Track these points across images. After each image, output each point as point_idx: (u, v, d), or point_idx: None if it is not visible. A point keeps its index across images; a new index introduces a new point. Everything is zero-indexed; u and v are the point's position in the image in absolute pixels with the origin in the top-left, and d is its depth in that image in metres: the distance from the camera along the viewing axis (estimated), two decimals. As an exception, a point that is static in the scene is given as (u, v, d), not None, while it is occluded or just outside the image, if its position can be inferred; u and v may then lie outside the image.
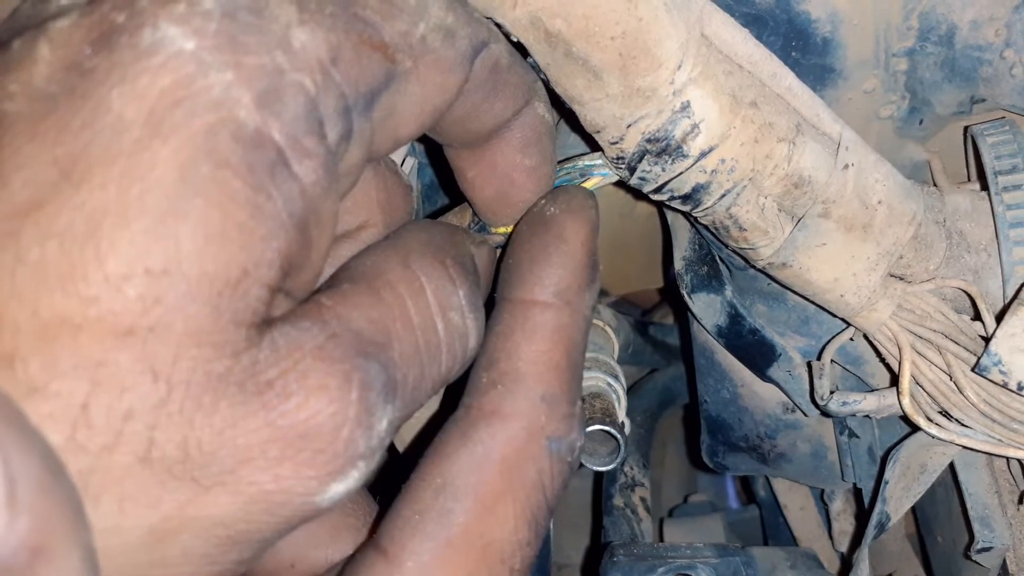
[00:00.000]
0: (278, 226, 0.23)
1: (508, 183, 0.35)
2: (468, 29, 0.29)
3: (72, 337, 0.21)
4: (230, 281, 0.22)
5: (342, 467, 0.24)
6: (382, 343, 0.26)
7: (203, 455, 0.22)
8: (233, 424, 0.22)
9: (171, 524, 0.22)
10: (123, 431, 0.21)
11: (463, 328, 0.29)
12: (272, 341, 0.23)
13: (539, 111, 0.34)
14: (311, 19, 0.24)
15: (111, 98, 0.21)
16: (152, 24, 0.22)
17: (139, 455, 0.21)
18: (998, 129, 0.46)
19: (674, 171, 0.37)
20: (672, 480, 0.95)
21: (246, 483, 0.23)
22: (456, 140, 0.33)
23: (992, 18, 0.44)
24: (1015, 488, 0.49)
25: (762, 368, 0.54)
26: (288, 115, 0.23)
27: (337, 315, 0.25)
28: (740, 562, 0.52)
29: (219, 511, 0.23)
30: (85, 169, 0.21)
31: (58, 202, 0.21)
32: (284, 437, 0.23)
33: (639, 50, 0.34)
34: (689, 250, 0.56)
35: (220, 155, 0.21)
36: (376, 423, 0.25)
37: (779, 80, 0.38)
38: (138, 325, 0.21)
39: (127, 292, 0.21)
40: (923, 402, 0.45)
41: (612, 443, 0.46)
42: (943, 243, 0.44)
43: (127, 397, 0.21)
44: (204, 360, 0.22)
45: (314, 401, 0.23)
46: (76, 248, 0.20)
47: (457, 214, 0.42)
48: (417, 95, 0.27)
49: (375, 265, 0.28)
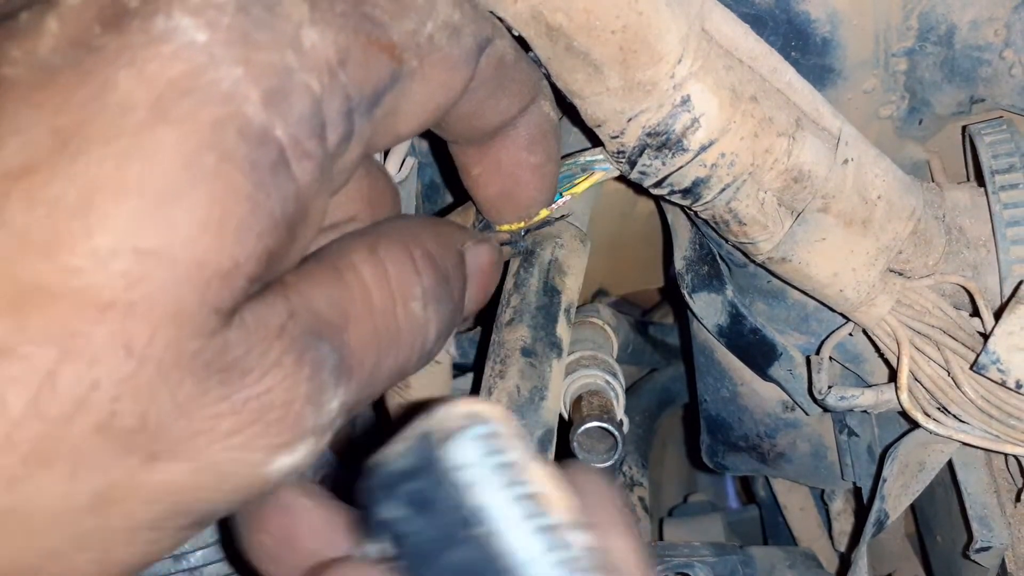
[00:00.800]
0: (272, 225, 0.23)
1: (513, 181, 0.35)
2: (474, 26, 0.29)
3: (48, 305, 0.21)
4: (220, 272, 0.22)
5: (290, 441, 0.24)
6: (338, 324, 0.26)
7: (160, 427, 0.22)
8: (193, 398, 0.23)
9: (119, 491, 0.23)
10: (86, 400, 0.21)
11: (423, 320, 0.29)
12: (241, 319, 0.23)
13: (545, 109, 0.34)
14: (322, 18, 0.24)
15: (118, 78, 0.21)
16: (166, 12, 0.22)
17: (97, 424, 0.22)
18: (995, 128, 0.47)
19: (674, 165, 0.37)
20: (672, 480, 0.94)
21: (196, 452, 0.23)
22: (461, 137, 0.33)
23: (991, 18, 0.44)
24: (1013, 487, 0.49)
25: (763, 367, 0.55)
26: (293, 116, 0.23)
27: (299, 292, 0.25)
28: (738, 561, 0.52)
29: (168, 478, 0.23)
30: (84, 142, 0.21)
31: (52, 170, 0.21)
32: (239, 410, 0.23)
33: (640, 44, 0.34)
34: (689, 249, 0.56)
35: (225, 149, 0.22)
36: (326, 402, 0.25)
37: (779, 75, 0.38)
38: (119, 300, 0.21)
39: (112, 267, 0.21)
40: (921, 398, 0.45)
41: (610, 440, 0.46)
42: (942, 239, 0.44)
43: (96, 369, 0.21)
44: (179, 340, 0.22)
45: (269, 378, 0.24)
46: (64, 218, 0.21)
47: (460, 214, 0.43)
48: (421, 94, 0.28)
49: (342, 247, 0.28)
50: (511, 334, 0.44)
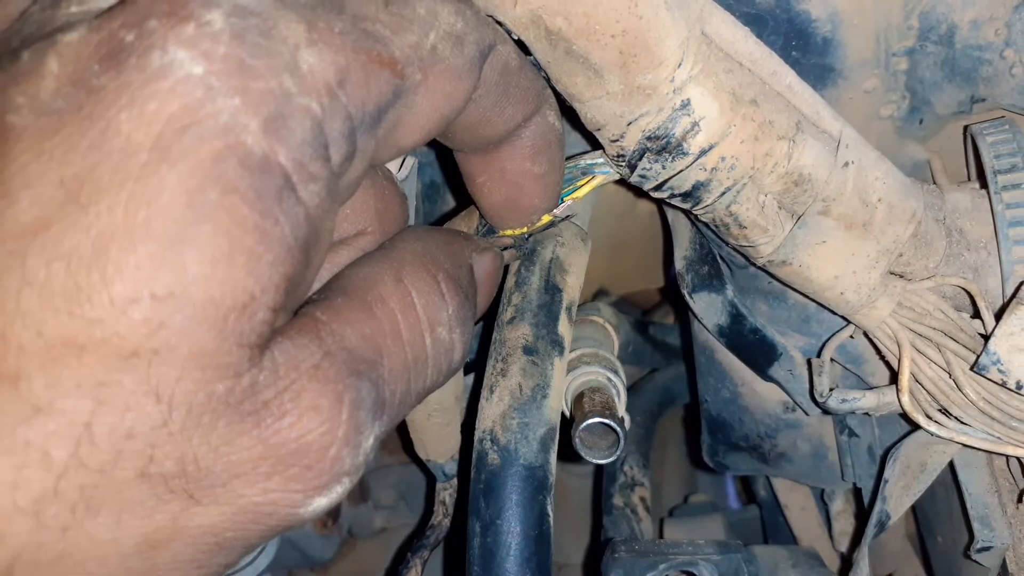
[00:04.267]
0: (285, 251, 0.23)
1: (517, 190, 0.35)
2: (476, 33, 0.29)
3: (76, 358, 0.21)
4: (236, 306, 0.22)
5: (328, 483, 0.25)
6: (373, 360, 0.26)
7: (199, 470, 0.23)
8: (229, 441, 0.23)
9: (163, 534, 0.23)
10: (124, 449, 0.22)
11: (449, 343, 0.30)
12: (272, 360, 0.24)
13: (550, 119, 0.34)
14: (320, 39, 0.24)
15: (119, 120, 0.21)
16: (161, 47, 0.22)
17: (138, 470, 0.22)
18: (997, 128, 0.46)
19: (674, 169, 0.37)
20: (672, 480, 0.95)
21: (236, 496, 0.24)
22: (466, 146, 0.33)
23: (992, 18, 0.44)
24: (1015, 487, 0.49)
25: (763, 367, 0.55)
26: (295, 140, 0.23)
27: (332, 332, 0.26)
28: (742, 559, 0.52)
29: (209, 521, 0.24)
30: (92, 191, 0.21)
31: (65, 224, 0.21)
32: (275, 454, 0.24)
33: (639, 48, 0.34)
34: (690, 250, 0.56)
35: (228, 181, 0.22)
36: (364, 441, 0.26)
37: (779, 78, 0.38)
38: (142, 348, 0.21)
39: (132, 315, 0.21)
40: (922, 400, 0.45)
41: (612, 437, 0.46)
42: (943, 241, 0.44)
43: (129, 417, 0.22)
44: (206, 382, 0.22)
45: (306, 420, 0.24)
46: (82, 270, 0.21)
47: (464, 218, 0.43)
48: (425, 105, 0.28)
49: (368, 278, 0.28)
50: (513, 332, 0.44)
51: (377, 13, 0.26)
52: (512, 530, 0.40)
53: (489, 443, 0.42)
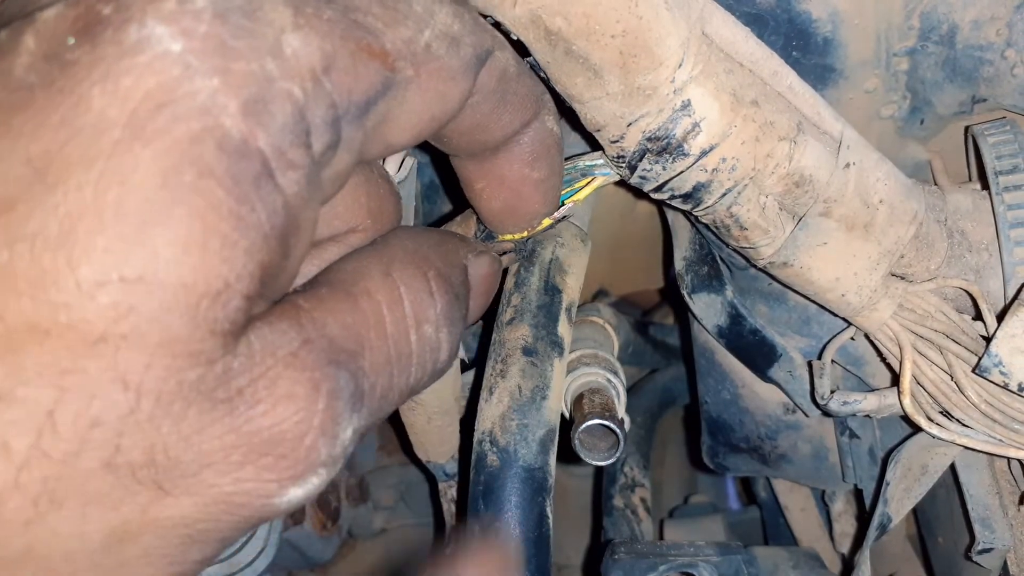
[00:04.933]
0: (260, 238, 0.22)
1: (516, 196, 0.35)
2: (474, 37, 0.28)
3: (39, 344, 0.20)
4: (209, 293, 0.21)
5: (303, 473, 0.24)
6: (354, 351, 0.26)
7: (168, 460, 0.22)
8: (200, 430, 0.22)
9: (132, 527, 0.22)
10: (89, 438, 0.21)
11: (435, 342, 0.29)
12: (248, 345, 0.23)
13: (548, 124, 0.34)
14: (306, 24, 0.23)
15: (92, 95, 0.20)
16: (139, 20, 0.21)
17: (104, 461, 0.21)
18: (999, 129, 0.46)
19: (675, 170, 0.37)
20: (672, 481, 0.94)
21: (207, 486, 0.23)
22: (464, 151, 0.33)
23: (993, 18, 0.44)
24: (1016, 489, 0.49)
25: (763, 369, 0.54)
26: (275, 125, 0.22)
27: (313, 319, 0.25)
28: (742, 560, 0.52)
29: (180, 513, 0.23)
30: (61, 169, 0.20)
31: (31, 203, 0.20)
32: (248, 443, 0.23)
33: (640, 48, 0.34)
34: (690, 250, 0.56)
35: (204, 164, 0.21)
36: (340, 432, 0.25)
37: (780, 78, 0.38)
38: (110, 333, 0.21)
39: (100, 299, 0.20)
40: (924, 402, 0.45)
41: (612, 438, 0.46)
42: (944, 242, 0.44)
43: (95, 405, 0.21)
44: (177, 369, 0.21)
45: (281, 409, 0.23)
46: (48, 253, 0.20)
47: (462, 222, 0.42)
48: (416, 103, 0.27)
49: (356, 270, 0.28)
50: (512, 333, 0.44)
51: (370, 5, 0.25)
52: (511, 532, 0.40)
53: (488, 444, 0.42)
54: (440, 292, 0.29)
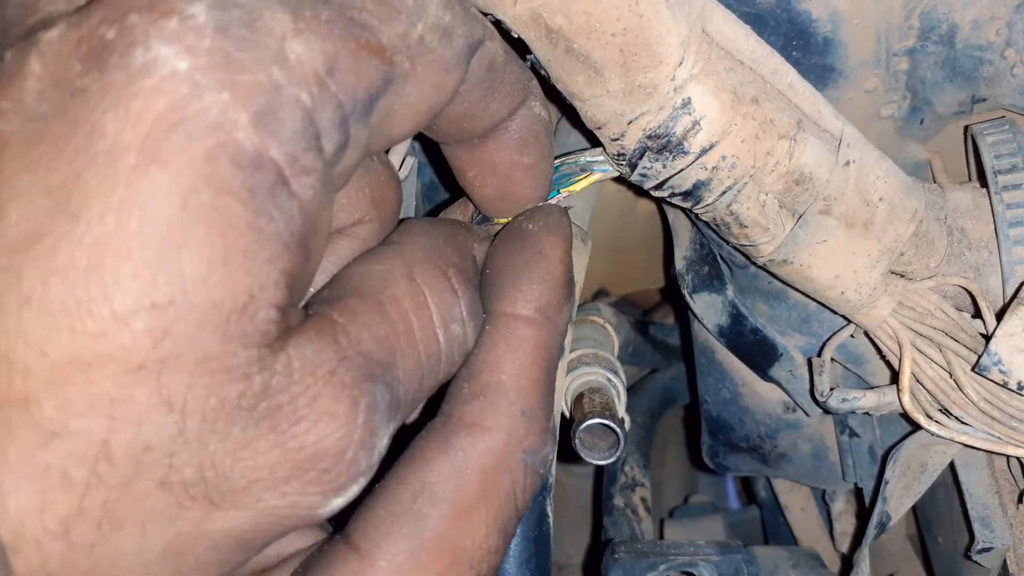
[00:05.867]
0: (281, 247, 0.23)
1: (508, 182, 0.35)
2: (465, 27, 0.29)
3: (84, 375, 0.21)
4: (237, 307, 0.22)
5: (345, 484, 0.25)
6: (387, 363, 0.26)
7: (217, 476, 0.23)
8: (245, 446, 0.23)
9: (187, 539, 0.23)
10: (143, 461, 0.22)
11: (462, 337, 0.30)
12: (287, 362, 0.23)
13: (535, 110, 0.34)
14: (307, 28, 0.23)
15: (104, 122, 0.21)
16: (144, 43, 0.21)
17: (158, 481, 0.22)
18: (998, 128, 0.46)
19: (675, 168, 0.37)
20: (672, 480, 0.95)
21: (255, 500, 0.24)
22: (454, 139, 0.33)
23: (993, 17, 0.44)
24: (1015, 488, 0.49)
25: (764, 368, 0.55)
26: (286, 133, 0.22)
27: (348, 335, 0.25)
28: (742, 559, 0.52)
29: (230, 525, 0.24)
30: (82, 199, 0.21)
31: (56, 235, 0.20)
32: (293, 459, 0.24)
33: (640, 46, 0.34)
34: (690, 250, 0.56)
35: (220, 181, 0.21)
36: (378, 442, 0.26)
37: (780, 77, 0.38)
38: (149, 359, 0.21)
39: (135, 326, 0.21)
40: (923, 399, 0.45)
41: (612, 437, 0.46)
42: (944, 240, 0.44)
43: (144, 430, 0.21)
44: (217, 386, 0.22)
45: (323, 426, 0.24)
46: (80, 284, 0.20)
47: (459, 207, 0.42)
48: (413, 96, 0.27)
49: (381, 276, 0.28)
50: (512, 334, 0.44)
51: (364, 2, 0.25)
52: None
53: (489, 443, 0.42)
54: (462, 288, 0.30)
